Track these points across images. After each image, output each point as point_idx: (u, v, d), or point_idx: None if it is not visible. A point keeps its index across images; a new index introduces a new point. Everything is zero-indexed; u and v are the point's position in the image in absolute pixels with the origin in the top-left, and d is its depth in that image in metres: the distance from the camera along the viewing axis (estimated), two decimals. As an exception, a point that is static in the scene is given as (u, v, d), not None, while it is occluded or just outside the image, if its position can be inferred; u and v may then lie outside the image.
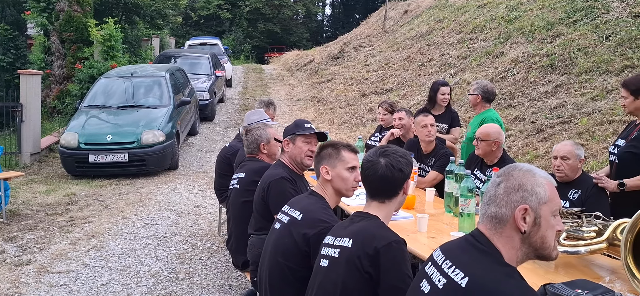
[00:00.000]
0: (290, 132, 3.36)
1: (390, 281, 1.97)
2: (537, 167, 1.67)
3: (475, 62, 11.83)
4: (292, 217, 2.55)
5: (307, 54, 21.78)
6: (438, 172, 4.47)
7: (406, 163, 2.23)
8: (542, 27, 11.27)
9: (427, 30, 15.82)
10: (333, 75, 16.87)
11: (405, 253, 2.04)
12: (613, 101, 7.67)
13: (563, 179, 3.62)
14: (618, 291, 2.19)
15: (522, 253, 1.59)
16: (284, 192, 3.08)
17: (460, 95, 10.66)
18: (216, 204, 6.13)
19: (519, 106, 9.14)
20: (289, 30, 42.40)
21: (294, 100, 15.56)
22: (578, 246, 2.54)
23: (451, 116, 5.58)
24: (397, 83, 13.66)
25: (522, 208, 1.55)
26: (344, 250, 2.08)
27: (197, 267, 4.97)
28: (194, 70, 13.62)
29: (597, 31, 9.87)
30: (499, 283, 1.46)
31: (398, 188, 2.22)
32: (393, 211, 2.27)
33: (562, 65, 9.52)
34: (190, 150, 10.50)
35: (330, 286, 2.08)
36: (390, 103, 5.80)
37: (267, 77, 20.41)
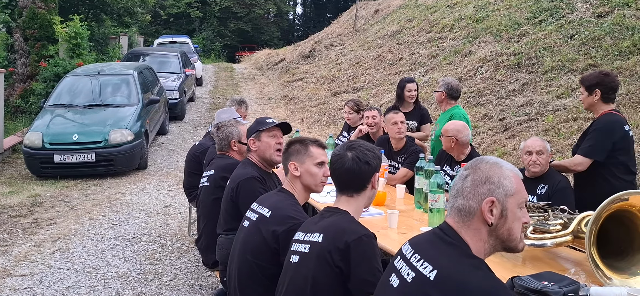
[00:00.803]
0: (254, 130, 3.32)
1: (361, 275, 1.97)
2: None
3: (444, 61, 11.97)
4: (261, 215, 2.52)
5: (278, 53, 21.71)
6: (408, 169, 4.50)
7: (373, 157, 2.23)
8: (510, 26, 11.47)
9: (397, 30, 15.93)
10: (304, 74, 16.85)
11: (375, 247, 2.04)
12: (577, 99, 7.84)
13: (536, 174, 3.70)
14: (583, 282, 2.23)
15: (490, 245, 1.60)
16: (254, 191, 3.02)
17: (430, 93, 10.75)
18: (186, 204, 6.05)
19: (488, 104, 9.28)
20: (260, 29, 42.20)
21: (266, 99, 15.49)
22: (544, 239, 2.58)
23: (420, 113, 5.62)
24: (368, 82, 13.72)
25: (489, 200, 1.56)
26: (315, 245, 2.07)
27: (166, 268, 4.89)
28: (163, 69, 13.44)
29: (562, 31, 10.10)
30: (467, 275, 1.47)
31: (366, 181, 2.22)
32: (363, 206, 2.27)
33: (529, 64, 9.70)
34: (160, 149, 10.34)
35: (301, 281, 2.07)
36: (356, 102, 5.82)
37: (238, 75, 20.27)
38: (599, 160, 3.66)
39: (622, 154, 3.69)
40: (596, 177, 3.70)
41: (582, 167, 3.72)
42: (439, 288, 1.47)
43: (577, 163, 3.74)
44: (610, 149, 3.65)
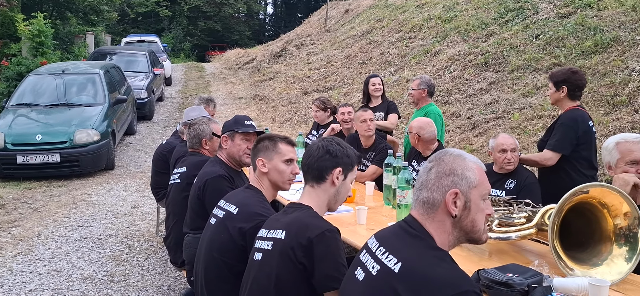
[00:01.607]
0: (229, 128, 3.27)
1: (325, 270, 1.95)
2: None
3: (414, 60, 12.09)
4: (227, 212, 2.49)
5: (249, 53, 21.58)
6: (377, 166, 4.53)
7: (340, 152, 2.20)
8: (477, 26, 11.65)
9: (367, 29, 16.02)
10: (275, 74, 16.80)
11: (339, 242, 2.01)
12: (542, 97, 8.02)
13: (509, 170, 3.75)
14: (546, 274, 2.27)
15: (454, 237, 1.61)
16: (221, 190, 2.97)
17: (400, 92, 10.86)
18: (154, 204, 5.95)
19: (456, 102, 9.41)
20: (230, 28, 41.91)
21: (236, 99, 15.38)
22: (509, 232, 2.62)
23: (387, 105, 5.70)
24: (338, 81, 13.75)
25: (452, 192, 1.57)
26: (277, 242, 2.05)
27: (133, 269, 4.80)
28: (131, 68, 13.21)
29: (528, 31, 10.30)
30: (431, 267, 1.47)
31: (324, 171, 2.18)
32: (326, 202, 2.22)
33: (496, 63, 9.87)
34: (128, 149, 10.16)
35: (265, 279, 2.04)
36: (323, 100, 5.84)
37: (208, 75, 20.08)
38: (565, 153, 3.74)
39: (585, 149, 3.78)
40: (560, 171, 3.78)
41: (552, 162, 3.79)
42: (404, 280, 1.47)
43: (547, 158, 3.81)
44: (575, 143, 3.73)
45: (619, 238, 2.38)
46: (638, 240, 2.33)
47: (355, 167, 2.28)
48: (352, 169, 2.25)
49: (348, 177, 2.24)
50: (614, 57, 7.94)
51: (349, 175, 2.24)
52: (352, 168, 2.25)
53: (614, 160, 2.73)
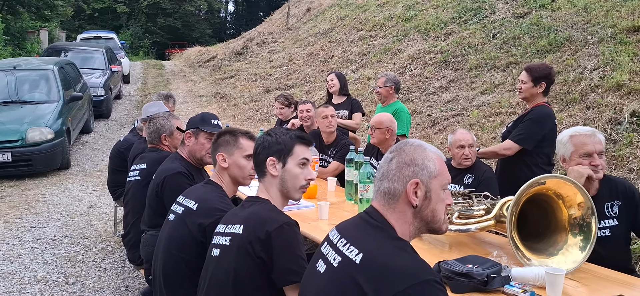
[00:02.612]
0: (195, 125, 3.20)
1: (284, 264, 1.92)
2: None
3: (375, 59, 12.17)
4: (186, 207, 2.44)
5: (209, 50, 21.31)
6: (339, 162, 4.53)
7: (269, 141, 2.14)
8: (437, 25, 11.82)
9: (329, 28, 16.05)
10: (236, 71, 16.64)
11: (297, 235, 1.99)
12: (500, 94, 8.20)
13: (467, 165, 3.80)
14: (505, 264, 2.31)
15: (415, 227, 1.61)
16: (180, 187, 2.86)
17: (362, 90, 10.92)
18: (112, 203, 5.80)
19: (417, 100, 9.52)
20: (190, 26, 41.33)
21: (197, 97, 15.16)
22: (469, 224, 2.66)
23: (351, 102, 5.71)
24: (300, 79, 13.73)
25: (413, 182, 1.57)
26: (235, 237, 2.00)
27: (89, 270, 4.66)
28: (87, 65, 12.82)
29: (485, 30, 10.52)
30: (392, 257, 1.47)
31: (261, 166, 2.15)
32: (277, 193, 2.16)
33: (455, 62, 10.04)
34: (84, 148, 9.87)
35: (223, 275, 2.00)
36: (286, 96, 5.81)
37: (168, 73, 19.72)
38: (527, 148, 3.81)
39: (547, 146, 3.86)
40: (520, 164, 3.85)
41: (510, 152, 3.87)
42: (365, 270, 1.46)
43: (506, 147, 3.88)
44: (539, 139, 3.81)
45: (574, 228, 2.44)
46: (591, 229, 2.40)
47: (295, 147, 2.14)
48: (289, 152, 2.13)
49: (289, 161, 2.13)
50: (567, 56, 8.18)
51: (289, 159, 2.13)
52: (288, 151, 2.13)
53: (569, 153, 2.80)
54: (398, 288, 1.38)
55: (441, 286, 1.42)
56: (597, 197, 2.76)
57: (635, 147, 5.67)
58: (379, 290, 1.40)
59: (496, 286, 2.14)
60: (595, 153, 2.73)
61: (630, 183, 2.91)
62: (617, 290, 2.11)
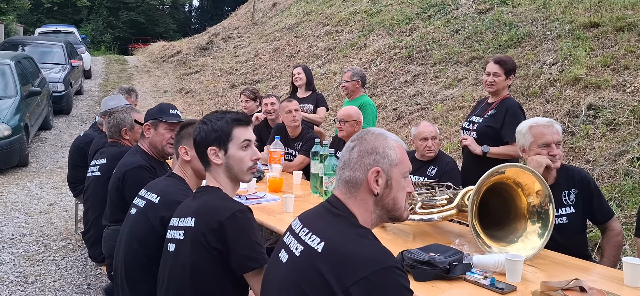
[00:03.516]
0: (153, 116, 3.14)
1: (240, 251, 1.89)
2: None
3: (341, 54, 12.22)
4: (148, 201, 2.39)
5: (174, 45, 20.97)
6: (305, 156, 4.53)
7: (205, 130, 2.07)
8: (401, 20, 11.95)
9: (295, 23, 16.01)
10: (201, 67, 16.45)
11: (251, 221, 1.96)
12: (463, 88, 8.35)
13: (430, 157, 3.84)
14: (466, 252, 2.36)
15: (376, 215, 1.63)
16: (141, 181, 2.79)
17: (328, 85, 10.95)
18: (72, 201, 5.66)
19: (382, 94, 9.60)
20: (154, 20, 40.62)
21: (161, 92, 14.92)
22: (431, 213, 2.70)
23: (316, 97, 5.71)
24: (266, 74, 13.67)
25: (374, 170, 1.58)
26: (188, 230, 1.97)
27: (49, 268, 4.54)
28: (45, 60, 12.45)
29: (449, 25, 10.69)
30: (354, 245, 1.48)
31: (202, 156, 2.10)
32: (225, 180, 2.10)
33: (419, 57, 10.17)
34: (43, 145, 9.60)
35: (180, 270, 1.97)
36: (252, 90, 5.78)
37: (131, 68, 19.33)
38: None
39: None
40: (489, 158, 3.87)
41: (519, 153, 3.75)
42: (326, 259, 1.46)
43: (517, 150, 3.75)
44: None
45: (533, 216, 2.51)
46: (549, 216, 2.47)
47: (233, 131, 2.07)
48: (228, 138, 2.06)
49: (230, 147, 2.07)
50: (527, 51, 8.39)
51: (230, 145, 2.07)
52: (227, 137, 2.06)
53: (528, 143, 2.87)
54: (360, 275, 1.39)
55: (402, 273, 1.44)
56: (554, 185, 2.84)
57: (591, 139, 5.85)
58: (341, 277, 1.40)
59: (458, 273, 2.18)
60: (553, 144, 2.80)
61: (586, 173, 3.00)
62: (573, 274, 2.17)
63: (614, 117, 5.98)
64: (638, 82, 6.40)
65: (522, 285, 2.13)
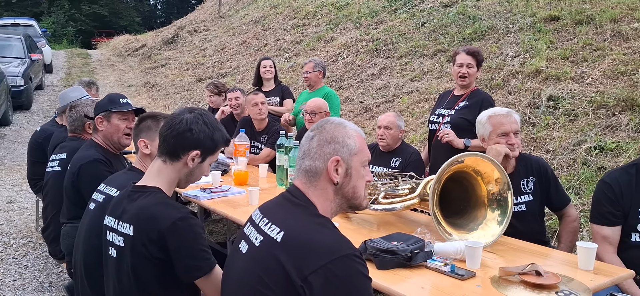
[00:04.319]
0: (104, 108, 3.06)
1: (183, 261, 1.83)
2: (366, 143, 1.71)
3: (308, 47, 12.21)
4: (108, 196, 2.35)
5: (138, 39, 20.62)
6: (271, 149, 4.52)
7: (204, 133, 1.97)
8: (368, 14, 12.00)
9: (262, 16, 15.92)
10: (167, 60, 16.21)
11: (194, 227, 1.85)
12: (428, 81, 8.45)
13: (386, 148, 3.88)
14: (428, 240, 2.40)
15: (336, 204, 1.64)
16: (98, 175, 2.72)
17: (295, 78, 10.93)
18: (33, 198, 5.52)
19: (349, 87, 9.64)
20: (118, 13, 39.75)
21: (125, 86, 14.64)
22: (394, 203, 2.73)
23: (281, 89, 5.70)
24: (233, 67, 13.56)
25: (334, 159, 1.59)
26: (127, 239, 1.88)
27: (9, 267, 4.42)
28: (3, 53, 12.08)
29: (414, 19, 10.79)
30: (313, 233, 1.49)
31: (181, 151, 1.97)
32: (175, 180, 2.02)
33: (386, 50, 10.24)
34: (2, 141, 9.32)
35: (125, 277, 1.89)
36: (216, 84, 5.74)
37: (95, 62, 18.92)
38: None
39: None
40: (455, 149, 3.91)
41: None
42: (285, 248, 1.46)
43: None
44: None
45: (492, 203, 2.57)
46: (508, 203, 2.53)
47: (217, 152, 2.06)
48: (213, 153, 2.04)
49: (206, 160, 2.03)
50: (490, 43, 8.53)
51: (208, 159, 2.04)
52: (213, 152, 2.03)
53: (487, 133, 2.93)
54: (319, 263, 1.40)
55: (361, 261, 1.46)
56: (513, 174, 2.91)
57: (551, 129, 6.00)
58: (300, 266, 1.41)
59: (419, 261, 2.22)
60: (512, 133, 2.87)
61: (544, 161, 3.08)
62: (531, 259, 2.23)
63: (572, 108, 6.15)
64: (595, 73, 6.59)
65: (481, 270, 2.18)
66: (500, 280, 2.05)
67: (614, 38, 7.25)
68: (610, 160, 5.13)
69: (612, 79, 6.38)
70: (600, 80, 6.44)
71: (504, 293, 1.95)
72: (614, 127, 5.60)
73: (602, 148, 5.30)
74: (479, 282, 2.07)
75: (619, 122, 5.62)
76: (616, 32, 7.31)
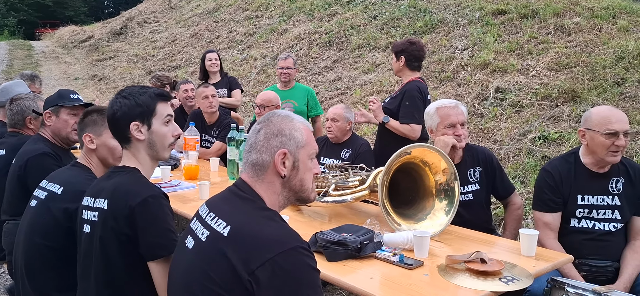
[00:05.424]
0: (53, 103, 2.98)
1: (149, 238, 1.84)
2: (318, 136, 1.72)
3: (261, 39, 12.12)
4: (50, 192, 2.26)
5: (85, 30, 19.91)
6: (222, 142, 4.47)
7: (128, 105, 1.96)
8: (321, 6, 12.02)
9: (214, 7, 15.68)
10: (116, 53, 15.75)
11: (164, 207, 1.88)
12: (381, 73, 8.54)
13: (335, 140, 3.90)
14: (377, 231, 2.43)
15: (283, 197, 1.63)
16: (46, 169, 2.64)
17: (248, 70, 10.83)
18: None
19: (302, 80, 9.62)
20: (63, 3, 38.33)
21: (72, 79, 14.14)
22: (345, 195, 2.75)
23: (228, 80, 5.63)
24: (185, 60, 13.32)
25: (281, 152, 1.59)
26: (101, 213, 1.90)
27: (-55, 270, 4.21)
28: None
29: (367, 11, 10.87)
30: (259, 227, 1.48)
31: (122, 132, 1.99)
32: (146, 158, 2.03)
33: (339, 42, 10.28)
34: (-63, 138, 8.83)
35: (95, 251, 1.89)
36: (159, 76, 5.62)
37: (38, 54, 18.15)
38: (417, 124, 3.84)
39: None
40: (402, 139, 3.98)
41: (416, 134, 3.85)
42: (232, 242, 1.45)
43: (414, 129, 3.84)
44: None
45: (440, 193, 2.62)
46: (455, 193, 2.59)
47: (157, 106, 2.01)
48: (151, 114, 1.99)
49: (154, 122, 2.00)
50: (441, 36, 8.70)
51: (154, 119, 2.00)
52: (151, 113, 1.99)
53: (435, 124, 2.99)
54: (266, 256, 1.39)
55: (309, 253, 1.46)
56: (461, 164, 2.98)
57: (499, 120, 6.18)
58: (247, 260, 1.40)
59: (369, 252, 2.24)
60: (458, 124, 2.94)
61: (490, 151, 3.17)
62: (477, 247, 2.29)
63: (518, 100, 6.35)
64: (540, 66, 6.82)
65: (429, 259, 2.22)
66: (446, 269, 2.10)
67: (557, 32, 7.52)
68: (553, 149, 5.33)
69: (555, 71, 6.62)
70: (544, 72, 6.67)
71: (450, 281, 1.99)
72: (557, 118, 5.82)
73: (546, 138, 5.51)
74: (427, 271, 2.11)
75: (562, 112, 5.84)
76: (559, 26, 7.59)
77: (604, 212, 2.72)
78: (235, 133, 3.72)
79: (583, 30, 7.33)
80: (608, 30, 7.21)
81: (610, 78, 6.13)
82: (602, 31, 7.20)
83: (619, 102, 5.69)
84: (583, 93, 5.99)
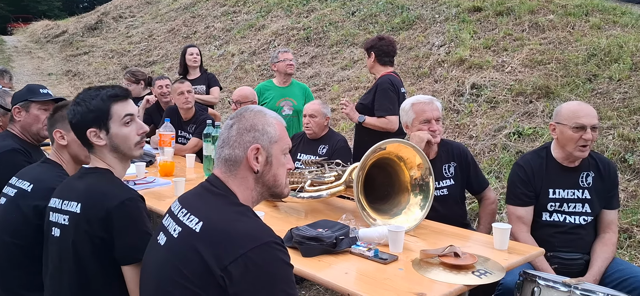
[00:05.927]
0: (22, 98, 2.91)
1: (126, 241, 1.80)
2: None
3: (239, 34, 12.04)
4: (20, 189, 2.22)
5: (59, 25, 19.52)
6: (199, 138, 4.44)
7: (81, 111, 1.91)
8: (299, 2, 11.99)
9: (191, 2, 15.53)
10: (90, 48, 15.49)
11: (141, 210, 1.85)
12: (359, 69, 8.57)
13: (312, 136, 3.91)
14: (353, 226, 2.43)
15: (257, 192, 1.62)
16: (16, 165, 2.56)
17: (226, 66, 10.76)
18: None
19: (280, 76, 9.60)
20: (36, -3, 37.55)
21: (45, 75, 13.88)
22: (320, 190, 2.75)
23: (207, 77, 5.60)
24: (161, 55, 13.16)
25: (254, 147, 1.58)
26: (73, 216, 1.84)
27: None
28: None
29: (345, 8, 10.89)
30: (232, 222, 1.47)
31: (84, 138, 1.94)
32: (114, 160, 1.97)
33: (317, 38, 10.28)
34: None
35: (65, 256, 1.85)
36: (134, 72, 5.53)
37: (10, 49, 17.76)
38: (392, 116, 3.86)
39: None
40: (380, 135, 3.99)
41: (394, 125, 3.85)
42: (204, 238, 1.44)
43: (392, 121, 3.84)
44: None
45: (415, 188, 2.64)
46: (430, 188, 2.61)
47: (111, 109, 1.93)
48: (107, 117, 1.92)
49: (111, 125, 1.93)
50: (418, 33, 8.77)
51: (112, 123, 1.93)
52: (106, 116, 1.92)
53: (410, 120, 3.01)
54: (238, 252, 1.38)
55: (282, 248, 1.45)
56: (436, 159, 3.01)
57: (474, 116, 6.25)
58: (219, 256, 1.39)
59: (344, 247, 2.25)
60: (433, 120, 2.96)
61: (464, 147, 3.20)
62: (451, 242, 2.32)
63: (494, 96, 6.43)
64: (515, 62, 6.92)
65: (403, 254, 2.24)
66: (421, 263, 2.12)
67: (532, 29, 7.64)
68: (527, 144, 5.41)
69: (530, 68, 6.72)
70: (519, 69, 6.77)
71: (424, 275, 2.01)
72: (531, 114, 5.91)
73: (520, 134, 5.59)
74: (402, 265, 2.12)
75: (536, 108, 5.94)
76: (533, 23, 7.70)
77: (575, 205, 2.77)
78: (211, 129, 3.69)
79: (557, 27, 7.45)
80: (581, 27, 7.34)
81: (582, 75, 6.24)
82: (575, 28, 7.34)
83: (591, 98, 5.80)
84: (556, 90, 6.09)
